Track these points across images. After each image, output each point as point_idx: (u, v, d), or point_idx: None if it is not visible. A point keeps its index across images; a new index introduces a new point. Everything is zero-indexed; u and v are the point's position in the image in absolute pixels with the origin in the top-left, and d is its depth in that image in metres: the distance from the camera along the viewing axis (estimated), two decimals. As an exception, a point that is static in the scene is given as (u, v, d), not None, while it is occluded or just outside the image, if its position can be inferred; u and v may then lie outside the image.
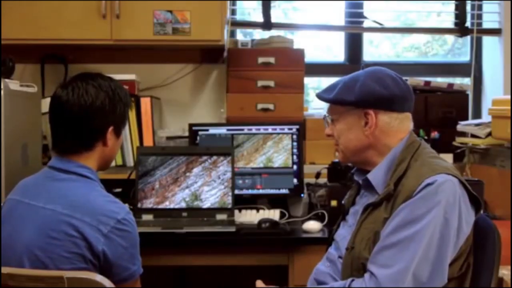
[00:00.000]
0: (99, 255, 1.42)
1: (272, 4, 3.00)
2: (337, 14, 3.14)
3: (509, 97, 2.36)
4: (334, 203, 2.21)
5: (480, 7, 3.12)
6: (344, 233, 1.59)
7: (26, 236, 1.45)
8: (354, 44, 3.15)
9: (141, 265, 1.53)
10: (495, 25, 3.09)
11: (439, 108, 2.83)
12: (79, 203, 1.45)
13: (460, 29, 3.09)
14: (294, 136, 2.46)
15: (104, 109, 1.53)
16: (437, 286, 1.37)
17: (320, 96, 1.64)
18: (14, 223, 1.49)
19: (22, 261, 1.44)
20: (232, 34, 3.05)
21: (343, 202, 1.75)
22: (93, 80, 1.55)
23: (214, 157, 2.28)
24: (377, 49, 3.31)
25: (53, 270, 1.40)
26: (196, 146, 2.44)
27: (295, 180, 2.44)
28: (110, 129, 1.55)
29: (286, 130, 2.47)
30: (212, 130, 2.49)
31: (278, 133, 2.46)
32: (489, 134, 2.49)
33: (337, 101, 1.59)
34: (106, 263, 1.44)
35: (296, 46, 2.81)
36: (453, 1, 3.14)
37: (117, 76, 1.76)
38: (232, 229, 2.09)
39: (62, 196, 1.47)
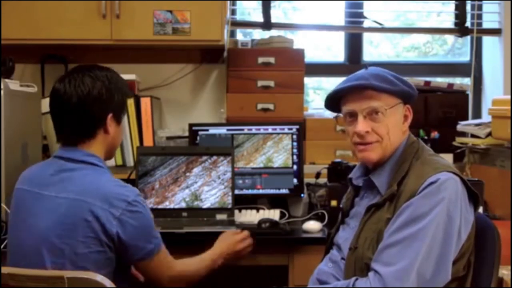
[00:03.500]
0: (114, 237, 1.48)
1: (272, 4, 3.00)
2: (337, 14, 3.14)
3: (509, 97, 2.36)
4: (334, 203, 2.21)
5: (480, 7, 3.12)
6: (346, 235, 1.59)
7: (41, 225, 1.49)
8: (354, 44, 3.15)
9: (161, 241, 1.59)
10: (495, 25, 3.09)
11: (439, 108, 2.83)
12: (90, 189, 1.49)
13: (460, 29, 3.09)
14: (294, 136, 2.46)
15: (101, 98, 1.57)
16: (440, 283, 1.37)
17: (377, 86, 1.49)
18: (26, 213, 1.53)
19: (40, 250, 1.47)
20: (232, 34, 3.05)
21: (341, 205, 1.74)
22: (90, 71, 1.59)
23: (214, 157, 2.28)
24: (377, 49, 3.31)
25: (70, 256, 1.45)
26: (196, 146, 2.44)
27: (295, 180, 2.44)
28: (109, 116, 1.59)
29: (286, 130, 2.46)
30: (212, 130, 2.49)
31: (278, 133, 2.46)
32: (489, 134, 2.49)
33: (403, 92, 1.53)
34: (121, 245, 1.49)
35: (296, 46, 2.81)
36: (453, 1, 3.14)
37: (117, 76, 1.76)
38: (232, 229, 2.08)
39: (73, 185, 1.51)
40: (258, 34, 3.09)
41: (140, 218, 1.51)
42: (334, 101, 1.61)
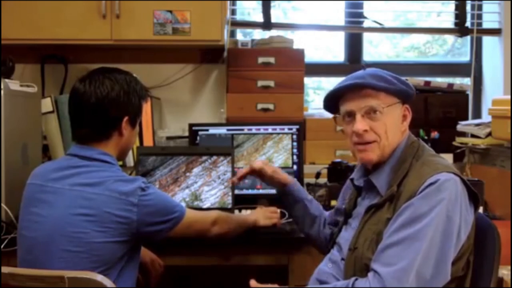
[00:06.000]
0: (134, 224, 1.53)
1: (272, 4, 3.00)
2: (337, 14, 3.14)
3: (509, 97, 2.36)
4: (334, 203, 2.21)
5: (480, 7, 3.12)
6: (347, 236, 1.58)
7: (56, 216, 1.52)
8: (354, 44, 3.15)
9: (182, 206, 1.67)
10: (495, 25, 3.10)
11: (439, 108, 2.83)
12: (106, 182, 1.54)
13: (460, 29, 3.09)
14: (294, 136, 2.46)
15: (119, 100, 1.62)
16: (440, 283, 1.37)
17: (375, 85, 1.49)
18: (40, 205, 1.56)
19: (54, 240, 1.50)
20: (232, 34, 3.05)
21: (344, 206, 1.74)
22: (110, 73, 1.65)
23: (214, 157, 2.28)
24: (377, 49, 3.31)
25: (86, 245, 1.49)
26: (196, 146, 2.44)
27: (295, 180, 2.44)
28: (125, 119, 1.64)
29: (286, 130, 2.46)
30: (212, 130, 2.49)
31: (278, 133, 2.46)
32: (489, 134, 2.49)
33: (400, 91, 1.52)
34: (147, 228, 1.56)
35: (296, 46, 2.81)
36: (453, 1, 3.14)
37: (117, 76, 1.77)
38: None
39: (88, 178, 1.56)
40: (258, 34, 3.09)
41: (156, 197, 1.60)
42: (332, 101, 1.61)
